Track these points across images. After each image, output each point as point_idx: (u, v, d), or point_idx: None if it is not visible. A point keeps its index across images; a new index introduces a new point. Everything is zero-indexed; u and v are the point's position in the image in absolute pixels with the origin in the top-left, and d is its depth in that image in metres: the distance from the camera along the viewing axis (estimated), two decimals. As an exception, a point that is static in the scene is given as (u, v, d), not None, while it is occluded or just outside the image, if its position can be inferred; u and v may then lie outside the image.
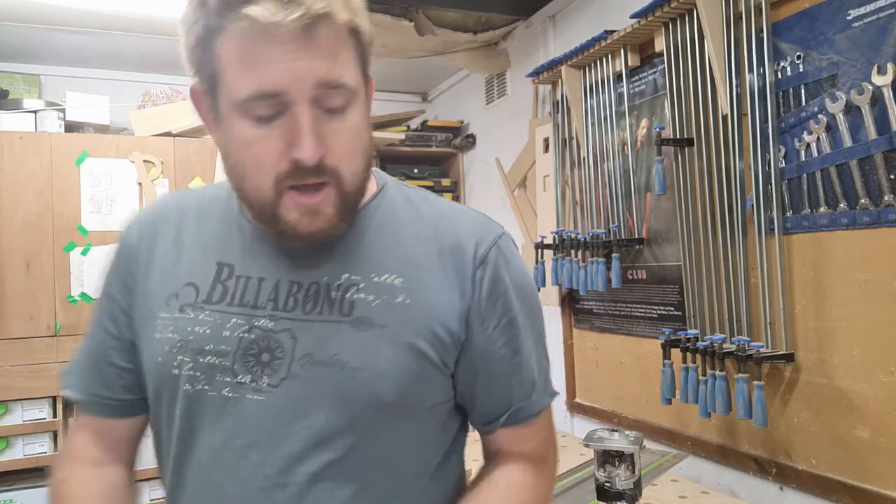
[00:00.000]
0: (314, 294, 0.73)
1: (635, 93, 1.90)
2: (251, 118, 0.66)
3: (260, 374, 0.71)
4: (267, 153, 0.66)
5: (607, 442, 1.15)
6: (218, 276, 0.76)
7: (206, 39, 0.66)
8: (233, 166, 0.70)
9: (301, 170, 0.66)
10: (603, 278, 1.90)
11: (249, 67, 0.64)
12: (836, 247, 1.35)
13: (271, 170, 0.66)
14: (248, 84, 0.64)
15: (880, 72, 1.24)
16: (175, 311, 0.75)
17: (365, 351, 0.71)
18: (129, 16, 2.31)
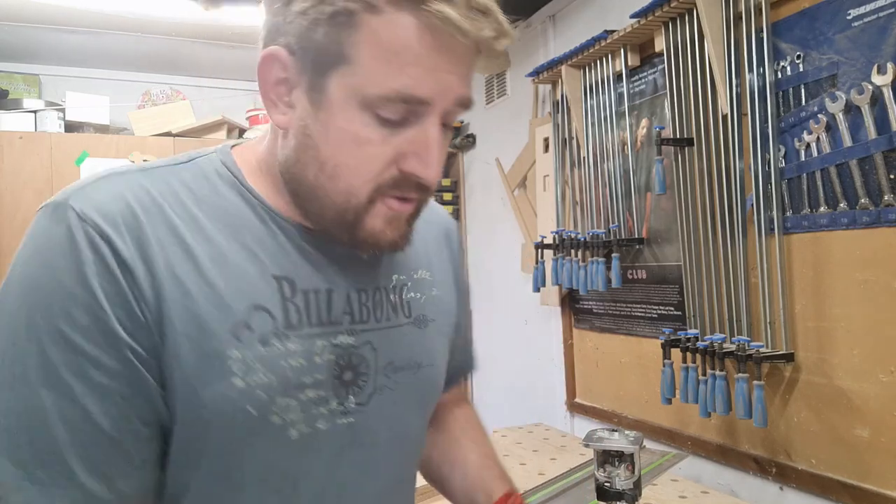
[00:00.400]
0: (380, 300, 0.70)
1: (635, 93, 1.90)
2: (374, 116, 0.57)
3: (346, 395, 0.64)
4: (379, 157, 0.58)
5: (607, 442, 1.15)
6: (282, 293, 0.62)
7: (348, 12, 0.54)
8: (324, 160, 0.59)
9: (410, 184, 0.60)
10: (603, 278, 1.90)
11: (404, 64, 0.55)
12: (836, 247, 1.35)
13: (376, 175, 0.59)
14: (394, 82, 0.55)
15: (880, 71, 1.24)
16: (256, 344, 0.59)
17: (429, 348, 0.74)
18: (129, 16, 2.31)
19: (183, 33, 2.52)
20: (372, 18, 0.54)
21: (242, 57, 2.78)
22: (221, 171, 0.65)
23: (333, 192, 0.60)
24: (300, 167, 0.61)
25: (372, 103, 0.56)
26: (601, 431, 1.17)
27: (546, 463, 1.72)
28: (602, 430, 1.18)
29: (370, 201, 0.60)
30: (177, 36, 2.55)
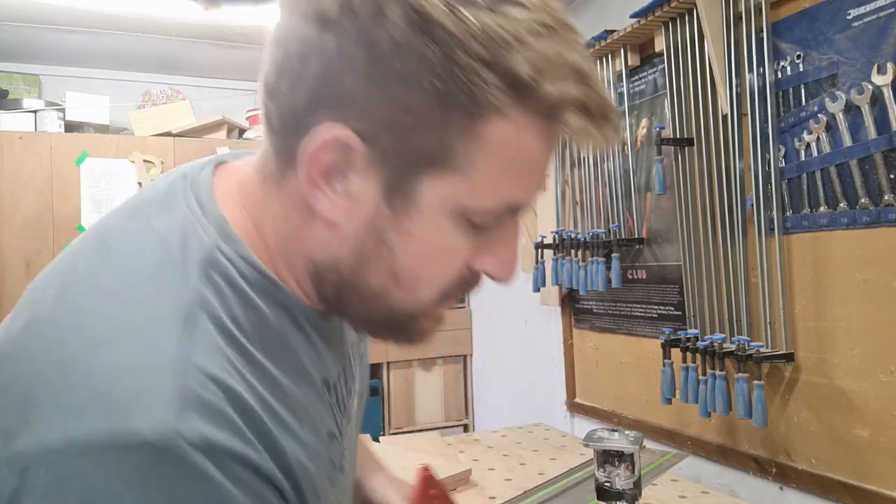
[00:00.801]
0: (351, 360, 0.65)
1: (635, 92, 1.90)
2: (467, 224, 0.48)
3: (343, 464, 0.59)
4: (458, 265, 0.50)
5: (607, 442, 1.15)
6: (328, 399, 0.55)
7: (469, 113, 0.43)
8: (399, 271, 0.49)
9: (476, 283, 0.53)
10: (603, 278, 1.90)
11: (521, 175, 0.48)
12: (836, 246, 1.35)
13: (447, 282, 0.51)
14: (507, 193, 0.47)
15: (880, 71, 1.24)
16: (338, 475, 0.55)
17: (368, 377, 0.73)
18: (129, 16, 2.31)
19: (183, 33, 2.52)
20: (497, 122, 0.44)
21: (242, 57, 2.78)
22: (247, 272, 0.49)
23: (399, 300, 0.51)
24: (361, 272, 0.50)
25: (471, 213, 0.47)
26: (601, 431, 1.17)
27: (546, 463, 1.72)
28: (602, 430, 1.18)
29: (435, 305, 0.53)
30: (177, 36, 2.55)
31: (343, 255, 0.49)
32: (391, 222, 0.47)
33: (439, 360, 3.00)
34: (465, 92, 0.42)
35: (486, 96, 0.42)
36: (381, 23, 0.41)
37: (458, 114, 0.43)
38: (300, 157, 0.46)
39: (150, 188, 0.53)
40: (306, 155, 0.46)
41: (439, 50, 0.41)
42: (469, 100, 0.42)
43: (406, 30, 0.41)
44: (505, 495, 1.47)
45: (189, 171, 0.53)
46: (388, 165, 0.45)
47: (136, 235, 0.48)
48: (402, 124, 0.44)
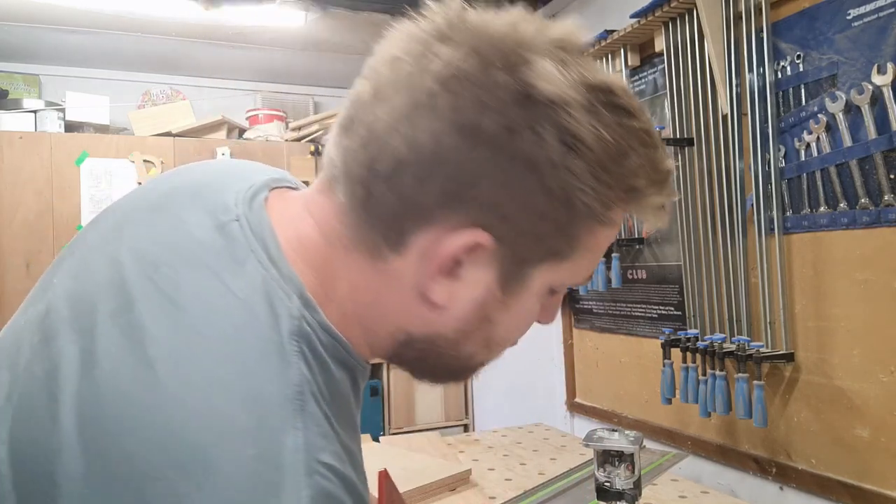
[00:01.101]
0: None
1: (635, 93, 1.90)
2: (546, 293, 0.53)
3: None
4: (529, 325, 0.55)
5: (607, 442, 1.15)
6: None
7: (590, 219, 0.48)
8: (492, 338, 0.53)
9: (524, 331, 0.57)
10: (603, 278, 1.90)
11: (595, 256, 0.52)
12: (836, 246, 1.35)
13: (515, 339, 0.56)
14: (586, 272, 0.53)
15: (880, 71, 1.24)
16: None
17: None
18: (129, 16, 2.31)
19: (183, 33, 2.52)
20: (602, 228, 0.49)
21: (242, 57, 2.78)
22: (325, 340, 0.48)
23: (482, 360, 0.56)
24: (457, 342, 0.52)
25: (557, 289, 0.53)
26: (601, 431, 1.17)
27: (546, 463, 1.72)
28: (602, 430, 1.18)
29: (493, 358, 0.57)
30: (177, 36, 2.55)
31: (446, 332, 0.51)
32: (500, 303, 0.50)
33: (439, 360, 3.00)
34: (600, 202, 0.46)
35: (612, 208, 0.47)
36: (539, 143, 0.44)
37: (589, 221, 0.48)
38: (419, 247, 0.47)
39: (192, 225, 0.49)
40: (438, 249, 0.47)
41: (587, 167, 0.45)
42: (602, 209, 0.47)
43: (560, 149, 0.44)
44: (505, 495, 1.47)
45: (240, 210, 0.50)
46: (513, 259, 0.48)
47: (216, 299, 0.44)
48: (538, 230, 0.47)
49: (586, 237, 0.49)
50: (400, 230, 0.47)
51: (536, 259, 0.49)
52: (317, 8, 2.18)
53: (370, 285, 0.50)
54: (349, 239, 0.49)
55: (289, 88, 3.16)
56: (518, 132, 0.44)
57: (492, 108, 0.44)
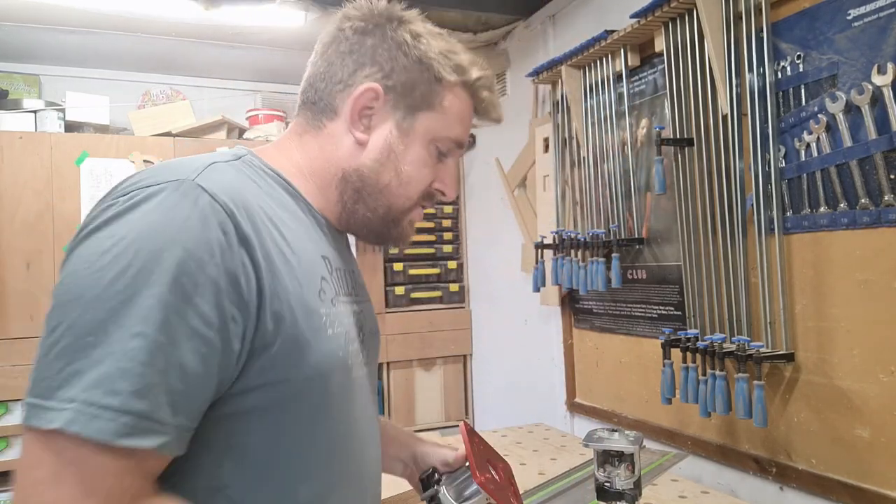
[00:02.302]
0: (359, 280, 0.92)
1: (635, 93, 1.90)
2: (434, 151, 0.84)
3: (365, 351, 0.85)
4: (428, 178, 0.85)
5: (607, 442, 1.15)
6: (328, 268, 0.79)
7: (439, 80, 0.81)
8: (398, 172, 0.82)
9: (433, 199, 0.87)
10: (603, 278, 1.90)
11: (462, 122, 0.85)
12: (836, 246, 1.35)
13: (423, 188, 0.84)
14: (458, 133, 0.85)
15: (880, 71, 1.24)
16: (329, 305, 0.75)
17: (376, 320, 0.95)
18: (129, 16, 2.31)
19: (183, 33, 2.52)
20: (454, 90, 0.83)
21: (242, 57, 2.78)
22: (268, 171, 0.79)
23: (397, 195, 0.83)
24: (377, 171, 0.82)
25: (439, 141, 0.84)
26: (601, 431, 1.17)
27: (546, 463, 1.72)
28: (602, 430, 1.18)
29: (412, 207, 0.85)
30: (177, 36, 2.55)
31: (366, 161, 0.81)
32: (398, 141, 0.82)
33: (439, 360, 3.00)
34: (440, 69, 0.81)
35: (448, 74, 0.82)
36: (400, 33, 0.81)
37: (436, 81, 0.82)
38: (344, 104, 0.81)
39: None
40: (351, 100, 0.80)
41: (431, 47, 0.82)
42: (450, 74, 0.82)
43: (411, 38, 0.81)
44: (505, 495, 1.46)
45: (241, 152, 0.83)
46: (400, 108, 0.81)
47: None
48: (408, 84, 0.81)
49: (447, 95, 0.82)
50: (331, 102, 0.81)
51: (416, 106, 0.81)
52: (317, 8, 2.18)
53: (318, 146, 0.83)
54: (303, 129, 0.84)
55: (289, 88, 3.16)
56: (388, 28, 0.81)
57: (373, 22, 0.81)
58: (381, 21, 0.81)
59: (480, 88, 0.85)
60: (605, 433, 1.17)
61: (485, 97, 0.86)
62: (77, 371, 0.56)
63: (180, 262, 0.60)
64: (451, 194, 0.87)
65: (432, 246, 3.03)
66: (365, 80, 0.79)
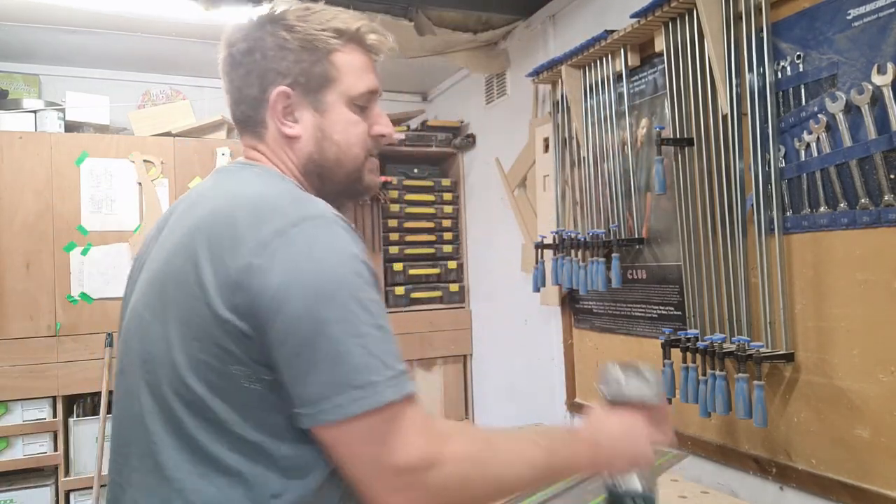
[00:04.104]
0: None
1: (635, 93, 1.90)
2: (355, 108, 0.93)
3: None
4: (364, 131, 0.95)
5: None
6: None
7: (322, 53, 0.90)
8: (336, 142, 0.93)
9: (379, 143, 0.97)
10: (603, 278, 1.90)
11: (364, 73, 0.93)
12: (835, 247, 1.35)
13: (364, 141, 0.95)
14: (365, 84, 0.93)
15: (880, 71, 1.24)
16: None
17: None
18: (129, 16, 2.31)
19: (183, 33, 2.52)
20: (340, 54, 0.92)
21: (242, 57, 2.77)
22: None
23: (346, 159, 0.94)
24: (323, 153, 0.93)
25: (354, 100, 0.93)
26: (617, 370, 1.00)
27: (546, 463, 1.71)
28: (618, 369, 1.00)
29: (364, 160, 0.95)
30: (177, 36, 2.55)
31: (310, 149, 0.93)
32: (321, 121, 0.92)
33: (439, 360, 3.00)
34: (322, 44, 0.90)
35: (331, 43, 0.91)
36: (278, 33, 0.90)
37: (325, 55, 0.91)
38: (267, 114, 0.92)
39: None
40: (270, 110, 0.91)
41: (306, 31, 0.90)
42: (327, 46, 0.91)
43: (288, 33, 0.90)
44: (505, 495, 1.46)
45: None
46: (310, 95, 0.91)
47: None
48: (304, 72, 0.90)
49: (339, 59, 0.91)
50: (258, 118, 0.93)
51: (320, 85, 0.91)
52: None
53: (274, 152, 0.93)
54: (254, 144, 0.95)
55: (289, 88, 3.17)
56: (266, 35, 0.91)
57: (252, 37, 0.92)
58: (258, 33, 0.91)
59: (365, 35, 0.93)
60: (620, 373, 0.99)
61: (372, 40, 0.94)
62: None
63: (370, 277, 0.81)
64: (389, 132, 0.97)
65: (432, 246, 3.03)
66: (271, 88, 0.90)
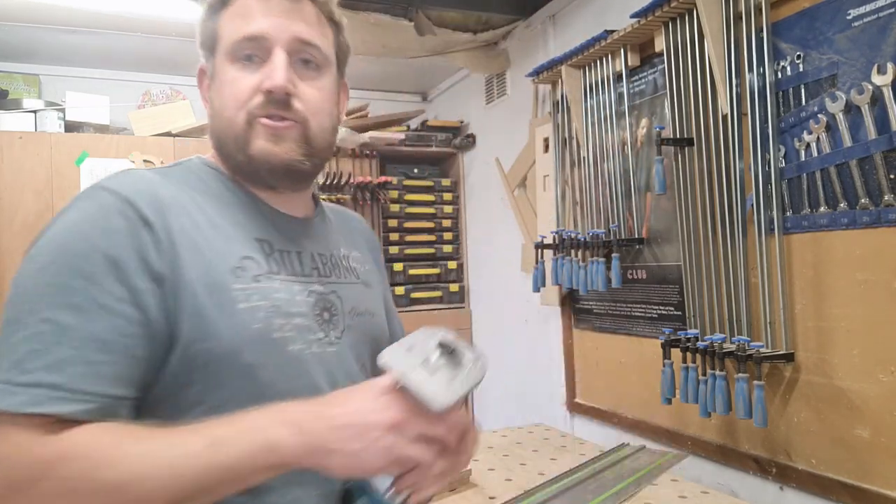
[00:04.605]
0: (336, 263, 0.91)
1: (635, 92, 1.90)
2: (238, 62, 0.81)
3: (328, 330, 0.83)
4: (245, 88, 0.80)
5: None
6: (264, 250, 0.81)
7: (214, 11, 0.84)
8: (217, 111, 0.83)
9: (271, 101, 0.79)
10: (603, 278, 1.90)
11: (243, 18, 0.81)
12: (835, 246, 1.35)
13: (246, 102, 0.79)
14: (239, 30, 0.80)
15: (880, 71, 1.24)
16: (250, 281, 0.76)
17: (375, 303, 0.96)
18: (129, 16, 2.31)
19: (183, 33, 2.52)
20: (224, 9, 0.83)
21: (242, 57, 2.77)
22: (202, 167, 0.85)
23: (224, 126, 0.81)
24: (212, 127, 0.84)
25: (232, 52, 0.81)
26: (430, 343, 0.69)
27: (546, 463, 1.72)
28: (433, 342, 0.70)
29: (249, 124, 0.80)
30: (177, 36, 2.55)
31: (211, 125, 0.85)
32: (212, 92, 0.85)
33: (439, 360, 3.00)
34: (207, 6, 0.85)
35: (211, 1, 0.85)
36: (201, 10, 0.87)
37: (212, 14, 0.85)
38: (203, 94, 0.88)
39: None
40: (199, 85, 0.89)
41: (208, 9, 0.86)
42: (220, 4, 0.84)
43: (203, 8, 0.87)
44: (505, 495, 1.47)
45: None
46: (209, 61, 0.86)
47: None
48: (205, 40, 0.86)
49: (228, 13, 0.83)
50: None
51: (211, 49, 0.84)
52: (317, 8, 2.18)
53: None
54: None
55: (289, 88, 3.17)
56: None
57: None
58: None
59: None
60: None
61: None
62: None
63: (80, 251, 0.68)
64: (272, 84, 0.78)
65: (432, 246, 3.03)
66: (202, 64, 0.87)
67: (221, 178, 0.84)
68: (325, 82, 0.85)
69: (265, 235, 0.82)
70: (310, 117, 0.81)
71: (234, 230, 0.79)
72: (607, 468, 1.62)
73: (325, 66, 0.84)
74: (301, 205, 0.91)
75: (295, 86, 0.80)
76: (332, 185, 2.69)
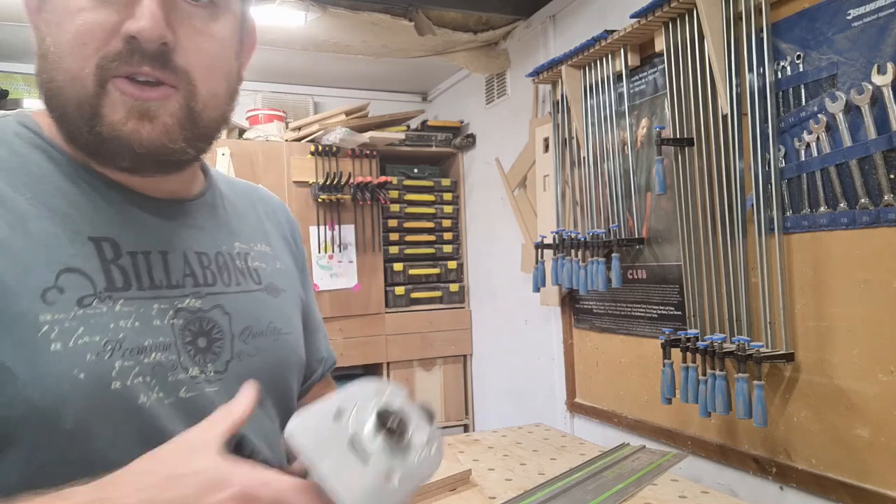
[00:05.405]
0: (224, 265, 0.67)
1: (635, 93, 1.90)
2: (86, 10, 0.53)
3: (205, 363, 0.60)
4: (94, 26, 0.53)
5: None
6: (101, 255, 0.57)
7: None
8: (47, 47, 0.54)
9: (137, 52, 0.53)
10: (603, 278, 1.90)
11: None
12: (835, 246, 1.35)
13: (96, 48, 0.53)
14: None
15: (880, 71, 1.24)
16: (72, 307, 0.53)
17: (284, 316, 0.72)
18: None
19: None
20: None
21: (242, 57, 2.77)
22: (19, 130, 0.59)
23: (63, 78, 0.54)
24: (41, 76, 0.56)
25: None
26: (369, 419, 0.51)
27: (546, 463, 1.72)
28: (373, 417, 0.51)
29: (100, 83, 0.54)
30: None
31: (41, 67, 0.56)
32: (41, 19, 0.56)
33: (439, 360, 3.00)
34: None
35: None
36: None
37: None
38: None
39: None
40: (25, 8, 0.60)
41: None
42: None
43: None
44: (505, 495, 1.47)
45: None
46: None
47: None
48: None
49: None
50: None
51: None
52: (317, 8, 2.18)
53: None
54: None
55: (289, 88, 3.17)
56: None
57: None
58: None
59: None
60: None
61: None
62: None
63: None
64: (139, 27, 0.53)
65: (432, 246, 3.03)
66: None
67: (46, 146, 0.59)
68: (221, 25, 0.59)
69: (107, 232, 0.58)
70: (196, 76, 0.56)
71: (53, 228, 0.55)
72: (607, 468, 1.62)
73: (222, 8, 0.59)
74: (177, 181, 0.65)
75: (175, 31, 0.55)
76: (332, 185, 2.69)
